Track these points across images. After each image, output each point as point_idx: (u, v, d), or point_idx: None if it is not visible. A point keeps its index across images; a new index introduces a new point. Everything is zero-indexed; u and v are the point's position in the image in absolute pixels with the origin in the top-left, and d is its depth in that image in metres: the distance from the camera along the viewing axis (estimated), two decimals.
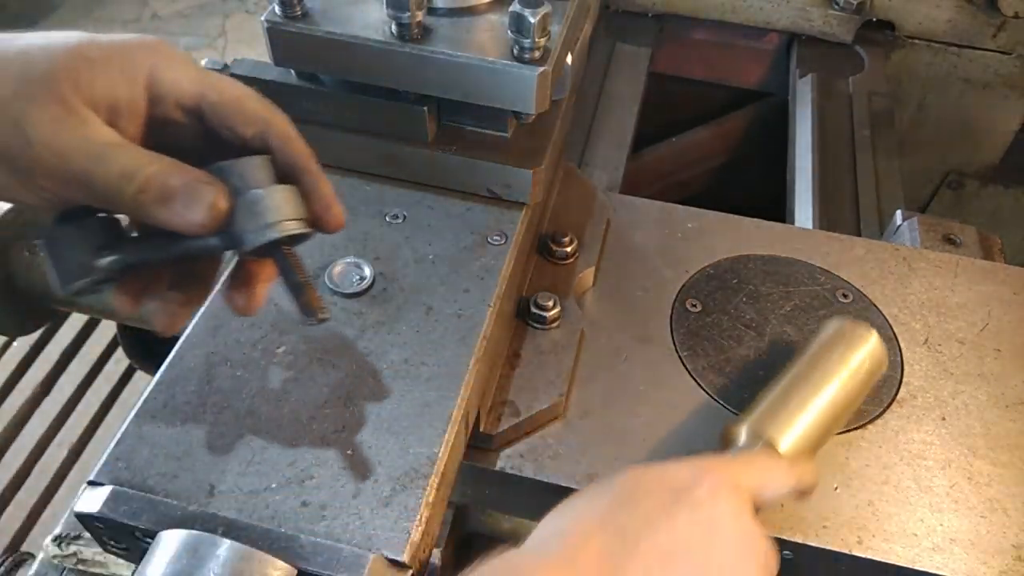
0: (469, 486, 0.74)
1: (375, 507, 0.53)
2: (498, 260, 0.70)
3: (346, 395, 0.59)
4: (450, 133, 0.74)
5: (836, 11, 1.44)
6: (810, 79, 1.40)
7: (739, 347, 0.79)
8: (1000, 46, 1.46)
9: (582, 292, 0.83)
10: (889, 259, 0.89)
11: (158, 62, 0.48)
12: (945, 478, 0.70)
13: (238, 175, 0.48)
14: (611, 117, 1.33)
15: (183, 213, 0.46)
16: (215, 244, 0.49)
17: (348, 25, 0.67)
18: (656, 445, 0.71)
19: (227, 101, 0.49)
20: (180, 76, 0.48)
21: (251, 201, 0.48)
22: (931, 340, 0.81)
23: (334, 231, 0.53)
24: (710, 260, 0.87)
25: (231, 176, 0.48)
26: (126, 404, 1.49)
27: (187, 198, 0.46)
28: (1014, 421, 0.74)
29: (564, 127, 0.82)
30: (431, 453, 0.56)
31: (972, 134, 1.59)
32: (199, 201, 0.46)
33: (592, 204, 0.89)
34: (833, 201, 1.19)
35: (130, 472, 0.54)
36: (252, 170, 0.49)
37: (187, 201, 0.46)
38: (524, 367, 0.74)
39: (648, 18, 1.54)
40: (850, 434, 0.73)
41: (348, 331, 0.64)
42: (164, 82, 0.48)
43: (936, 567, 0.64)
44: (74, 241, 0.50)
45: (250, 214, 0.48)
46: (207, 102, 0.49)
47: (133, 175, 0.45)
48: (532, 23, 0.62)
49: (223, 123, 0.50)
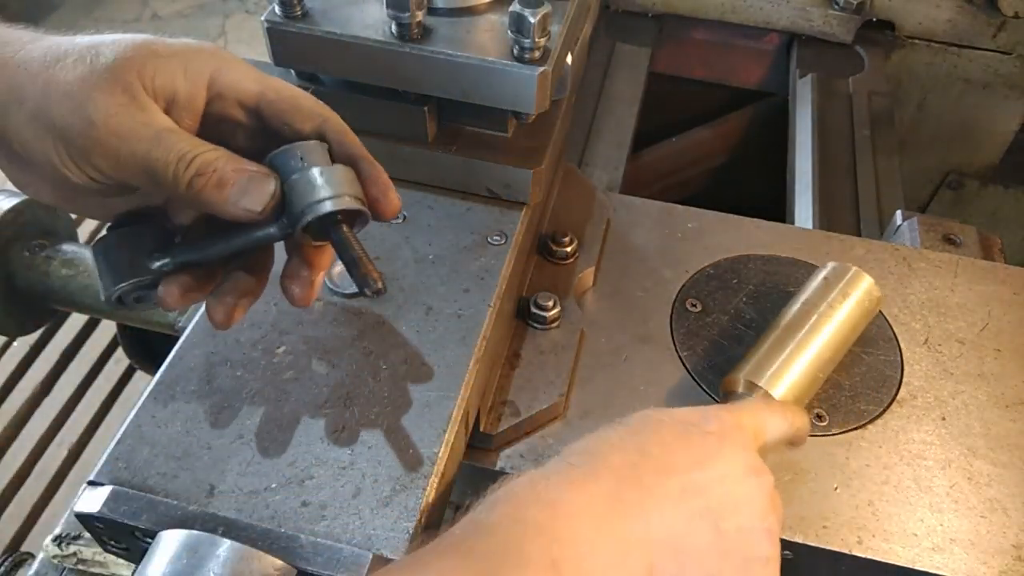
0: (469, 486, 0.74)
1: (375, 507, 0.53)
2: (498, 260, 0.70)
3: (346, 395, 0.59)
4: (450, 133, 0.74)
5: (836, 11, 1.44)
6: (810, 79, 1.40)
7: (739, 347, 0.79)
8: (1000, 46, 1.46)
9: (582, 292, 0.83)
10: (889, 259, 0.89)
11: (221, 64, 0.51)
12: (945, 478, 0.70)
13: (298, 156, 0.50)
14: (611, 117, 1.33)
15: (238, 198, 0.48)
16: (272, 232, 0.50)
17: (348, 25, 0.67)
18: None
19: (285, 99, 0.52)
20: (241, 76, 0.52)
21: (311, 177, 0.49)
22: (931, 340, 0.81)
23: (391, 216, 0.54)
24: (710, 260, 0.87)
25: (292, 158, 0.50)
26: (126, 404, 1.49)
27: (242, 184, 0.48)
28: (1014, 421, 0.74)
29: (564, 127, 0.82)
30: (431, 453, 0.56)
31: (972, 134, 1.59)
32: (254, 187, 0.48)
33: (592, 204, 0.89)
34: (833, 201, 1.19)
35: (130, 472, 0.54)
36: (312, 151, 0.51)
37: (243, 186, 0.48)
38: (524, 367, 0.74)
39: (648, 18, 1.54)
40: (850, 434, 0.73)
41: (348, 331, 0.64)
42: (226, 82, 0.51)
43: (936, 567, 0.64)
44: (125, 245, 0.52)
45: (311, 187, 0.49)
46: (266, 100, 0.52)
47: (191, 159, 0.47)
48: (532, 23, 0.62)
49: (282, 119, 0.52)
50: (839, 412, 0.74)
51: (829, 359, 0.72)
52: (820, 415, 0.74)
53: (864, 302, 0.75)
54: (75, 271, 1.18)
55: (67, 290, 1.18)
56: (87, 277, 1.18)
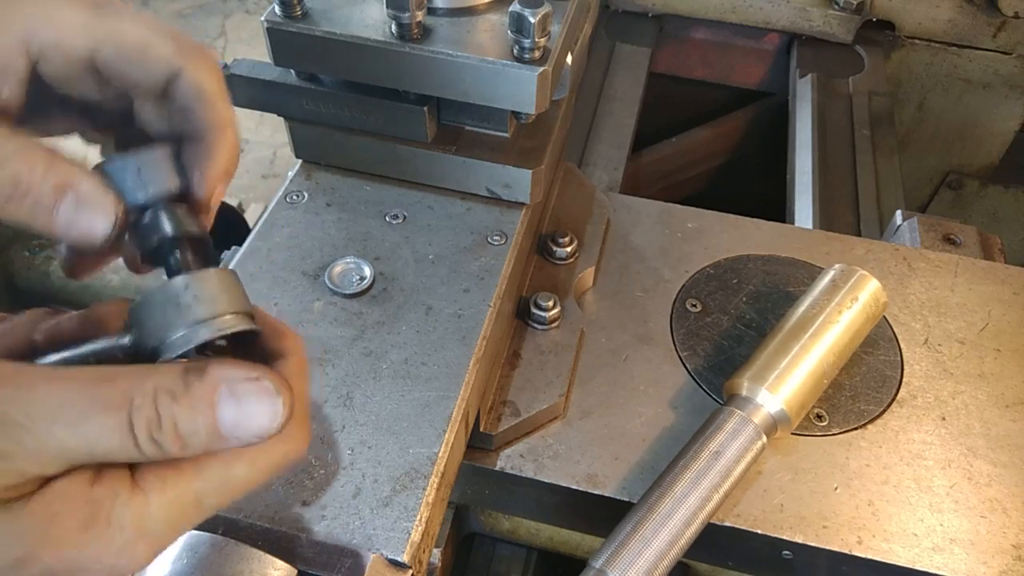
0: (469, 486, 0.74)
1: (375, 507, 0.53)
2: (498, 260, 0.70)
3: (346, 395, 0.59)
4: (450, 133, 0.74)
5: (836, 11, 1.44)
6: (810, 79, 1.40)
7: (739, 347, 0.79)
8: (1000, 46, 1.46)
9: (582, 292, 0.83)
10: (889, 259, 0.89)
11: (36, 12, 0.39)
12: (945, 478, 0.70)
13: (136, 170, 0.39)
14: (611, 117, 1.33)
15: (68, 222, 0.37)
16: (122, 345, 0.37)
17: (348, 25, 0.67)
18: (656, 445, 0.71)
19: (128, 50, 0.40)
20: (66, 30, 0.39)
21: (172, 293, 0.36)
22: (931, 340, 0.81)
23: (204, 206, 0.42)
24: (710, 260, 0.87)
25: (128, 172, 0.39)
26: None
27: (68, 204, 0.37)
28: (1014, 421, 0.74)
29: (564, 127, 0.82)
30: (431, 453, 0.56)
31: (972, 134, 1.59)
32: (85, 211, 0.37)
33: (592, 204, 0.89)
34: (833, 201, 1.19)
35: None
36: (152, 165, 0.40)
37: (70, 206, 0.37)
38: (524, 367, 0.74)
39: (648, 18, 1.54)
40: (850, 434, 0.73)
41: (348, 331, 0.64)
42: (46, 39, 0.39)
43: (936, 567, 0.64)
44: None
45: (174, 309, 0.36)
46: (101, 56, 0.40)
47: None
48: (532, 23, 0.62)
49: (124, 78, 0.41)
50: (839, 412, 0.74)
51: (834, 363, 0.72)
52: (820, 415, 0.74)
53: (870, 306, 0.74)
54: None
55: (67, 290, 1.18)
56: None
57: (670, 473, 0.64)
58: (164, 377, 0.34)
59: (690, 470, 0.64)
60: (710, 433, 0.66)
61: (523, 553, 0.90)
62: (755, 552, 0.69)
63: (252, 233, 0.71)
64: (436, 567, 0.74)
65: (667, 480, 0.64)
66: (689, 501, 0.62)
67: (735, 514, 0.67)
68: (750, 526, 0.66)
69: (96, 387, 0.33)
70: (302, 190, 0.75)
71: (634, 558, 0.60)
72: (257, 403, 0.35)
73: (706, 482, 0.63)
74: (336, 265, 0.68)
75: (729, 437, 0.65)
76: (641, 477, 0.69)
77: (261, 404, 0.36)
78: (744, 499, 0.68)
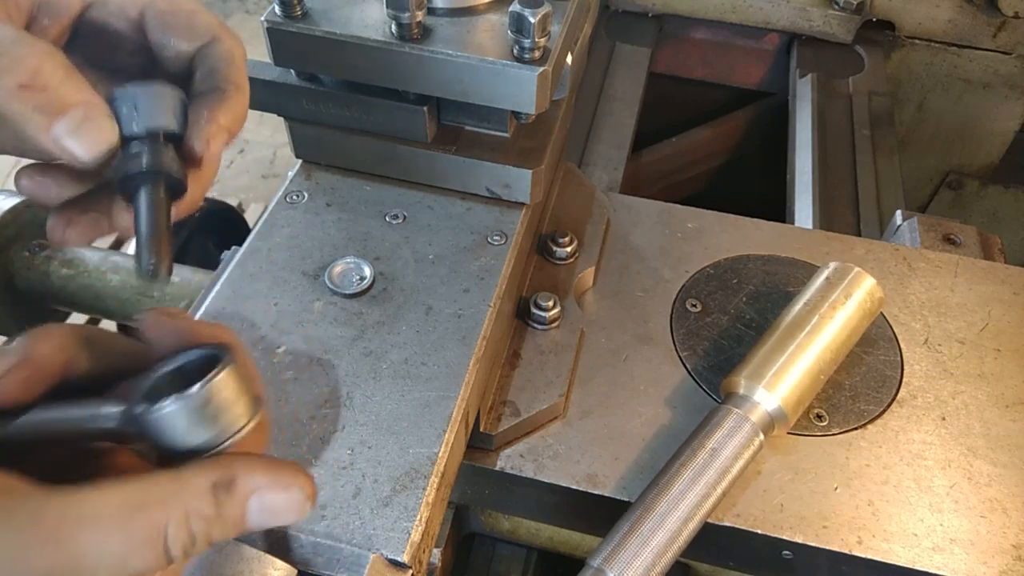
0: (469, 486, 0.74)
1: (375, 507, 0.53)
2: (498, 260, 0.70)
3: (346, 395, 0.59)
4: (450, 133, 0.74)
5: (836, 11, 1.44)
6: (810, 79, 1.40)
7: (739, 347, 0.79)
8: (1000, 46, 1.46)
9: (582, 292, 0.83)
10: (889, 259, 0.89)
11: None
12: (945, 478, 0.70)
13: (132, 105, 0.40)
14: (611, 117, 1.33)
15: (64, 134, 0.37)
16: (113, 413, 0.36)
17: (348, 25, 0.67)
18: (656, 445, 0.71)
19: (178, 10, 0.44)
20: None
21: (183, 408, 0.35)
22: (931, 340, 0.81)
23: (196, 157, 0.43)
24: (710, 260, 0.87)
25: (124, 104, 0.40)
26: None
27: (76, 117, 0.38)
28: (1014, 421, 0.74)
29: (564, 127, 0.82)
30: (431, 453, 0.56)
31: (972, 134, 1.59)
32: (89, 127, 0.38)
33: (592, 204, 0.89)
34: (833, 201, 1.19)
35: None
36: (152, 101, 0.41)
37: (77, 121, 0.37)
38: (524, 367, 0.74)
39: (648, 18, 1.54)
40: (850, 434, 0.73)
41: (348, 331, 0.64)
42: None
43: (936, 567, 0.64)
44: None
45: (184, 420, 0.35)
46: (156, 10, 0.43)
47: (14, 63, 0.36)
48: (532, 23, 0.62)
49: (166, 33, 0.43)
50: (839, 412, 0.74)
51: (831, 360, 0.72)
52: (820, 415, 0.74)
53: (866, 303, 0.74)
54: (75, 271, 1.18)
55: (67, 290, 1.19)
56: (87, 277, 1.19)
57: (668, 472, 0.64)
58: (194, 499, 0.34)
59: (687, 468, 0.64)
60: (707, 431, 0.66)
61: (523, 553, 0.90)
62: (755, 552, 0.69)
63: (252, 233, 0.71)
64: (436, 567, 0.74)
65: (665, 479, 0.64)
66: (687, 499, 0.62)
67: (735, 514, 0.67)
68: (750, 526, 0.66)
69: (131, 521, 0.33)
70: (302, 190, 0.75)
71: (632, 557, 0.60)
72: (286, 510, 0.37)
73: (703, 480, 0.63)
74: (336, 265, 0.68)
75: (726, 435, 0.65)
76: (641, 477, 0.69)
77: (290, 512, 0.37)
78: (744, 499, 0.68)
